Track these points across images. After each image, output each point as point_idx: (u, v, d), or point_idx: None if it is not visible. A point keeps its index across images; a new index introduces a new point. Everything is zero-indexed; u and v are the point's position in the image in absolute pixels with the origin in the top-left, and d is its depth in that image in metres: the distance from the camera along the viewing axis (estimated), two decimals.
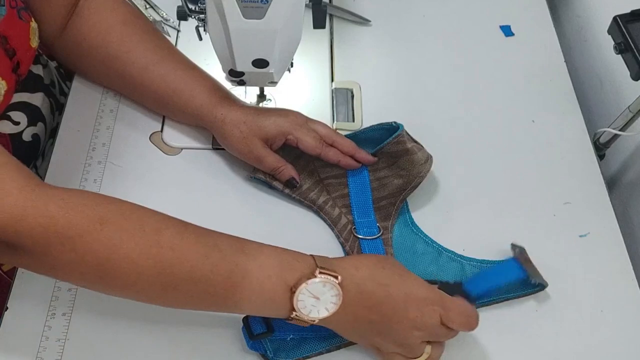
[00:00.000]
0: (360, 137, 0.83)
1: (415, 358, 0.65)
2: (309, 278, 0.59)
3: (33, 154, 0.82)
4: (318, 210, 0.78)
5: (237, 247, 0.62)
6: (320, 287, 0.59)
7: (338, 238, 0.77)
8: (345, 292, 0.60)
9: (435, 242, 0.77)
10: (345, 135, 0.84)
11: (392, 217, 0.78)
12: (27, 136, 0.79)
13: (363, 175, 0.81)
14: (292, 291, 0.59)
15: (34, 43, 0.77)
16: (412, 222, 0.78)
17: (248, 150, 0.77)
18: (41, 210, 0.57)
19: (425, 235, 0.77)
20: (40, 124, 0.81)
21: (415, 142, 0.81)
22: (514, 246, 0.75)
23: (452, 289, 0.68)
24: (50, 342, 0.67)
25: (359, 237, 0.76)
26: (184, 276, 0.59)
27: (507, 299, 0.73)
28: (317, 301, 0.60)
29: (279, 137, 0.77)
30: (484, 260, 0.75)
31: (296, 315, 0.60)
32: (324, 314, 0.60)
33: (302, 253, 0.63)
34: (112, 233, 0.57)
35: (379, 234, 0.77)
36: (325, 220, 0.78)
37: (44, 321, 0.69)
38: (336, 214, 0.78)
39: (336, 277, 0.60)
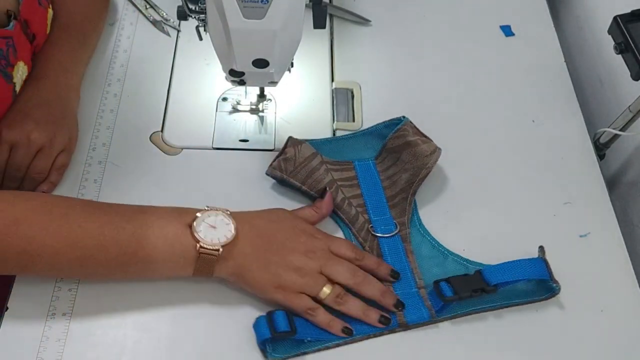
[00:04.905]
0: (372, 133, 0.84)
1: (316, 296, 0.69)
2: (202, 213, 0.69)
3: None
4: (336, 209, 0.77)
5: (137, 209, 0.70)
6: (213, 217, 0.69)
7: (356, 238, 0.76)
8: (240, 225, 0.69)
9: (442, 245, 0.76)
10: (351, 134, 0.85)
11: (407, 212, 0.77)
12: None
13: (373, 175, 0.81)
14: (191, 226, 0.68)
15: (49, 30, 0.79)
16: (420, 224, 0.78)
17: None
18: None
19: (432, 238, 0.77)
20: None
21: (423, 135, 0.81)
22: (541, 248, 0.75)
23: (470, 277, 0.71)
24: (50, 342, 0.67)
25: (377, 236, 0.76)
26: (94, 245, 0.66)
27: (516, 304, 0.72)
28: (215, 230, 0.68)
29: None
30: (490, 265, 0.73)
31: (201, 247, 0.67)
32: (223, 239, 0.67)
33: None
34: (27, 229, 0.65)
35: (397, 231, 0.76)
36: (342, 220, 0.77)
37: (44, 321, 0.69)
38: (353, 213, 0.77)
39: (225, 210, 0.70)
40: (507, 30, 1.00)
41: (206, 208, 0.69)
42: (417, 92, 0.92)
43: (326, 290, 0.69)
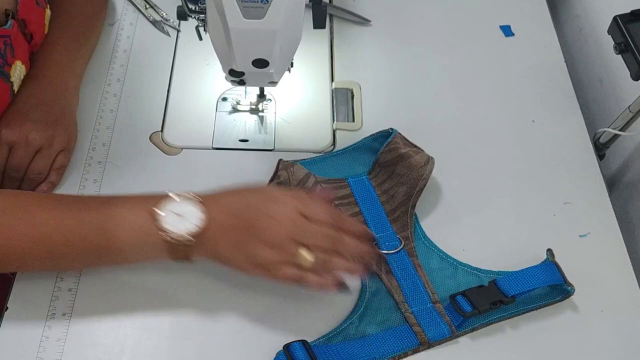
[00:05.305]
0: (361, 148, 0.83)
1: (301, 264, 0.65)
2: (166, 200, 0.65)
3: None
4: None
5: (105, 201, 0.68)
6: (179, 205, 0.65)
7: (362, 258, 0.73)
8: (209, 208, 0.65)
9: (450, 257, 0.75)
10: (346, 147, 0.84)
11: (409, 225, 0.76)
12: None
13: (369, 191, 0.79)
14: (156, 216, 0.65)
15: (47, 30, 0.79)
16: (425, 236, 0.77)
17: None
18: None
19: (439, 250, 0.76)
20: None
21: (413, 145, 0.80)
22: (549, 251, 0.75)
23: (486, 289, 0.70)
24: (50, 342, 0.67)
25: (383, 253, 0.74)
26: (61, 241, 0.65)
27: (532, 309, 0.72)
28: (182, 219, 0.65)
29: None
30: (501, 271, 0.73)
31: (170, 237, 0.64)
32: (193, 228, 0.64)
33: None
34: None
35: (402, 246, 0.75)
36: None
37: (44, 321, 0.69)
38: None
39: (193, 196, 0.66)
40: (507, 30, 1.00)
41: (170, 194, 0.66)
42: (417, 92, 0.92)
43: (307, 257, 0.65)
